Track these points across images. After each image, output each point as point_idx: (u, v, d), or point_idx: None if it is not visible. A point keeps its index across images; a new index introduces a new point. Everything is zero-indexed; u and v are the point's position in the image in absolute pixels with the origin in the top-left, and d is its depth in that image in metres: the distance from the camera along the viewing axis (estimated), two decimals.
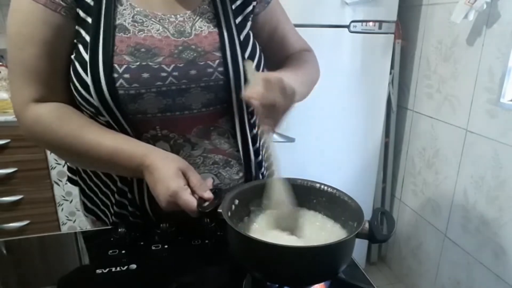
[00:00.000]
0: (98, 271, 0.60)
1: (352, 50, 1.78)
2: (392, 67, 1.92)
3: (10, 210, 1.72)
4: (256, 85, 0.59)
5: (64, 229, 1.85)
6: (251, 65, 0.66)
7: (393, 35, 1.81)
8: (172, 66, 0.67)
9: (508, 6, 1.36)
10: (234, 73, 0.71)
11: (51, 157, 1.72)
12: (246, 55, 0.73)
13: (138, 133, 0.69)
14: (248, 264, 0.55)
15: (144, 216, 0.75)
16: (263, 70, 0.79)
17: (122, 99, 0.65)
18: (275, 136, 1.74)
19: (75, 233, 0.76)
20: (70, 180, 0.84)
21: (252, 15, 0.78)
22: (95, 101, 0.64)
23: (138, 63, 0.65)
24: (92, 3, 0.65)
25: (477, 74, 1.51)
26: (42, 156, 1.70)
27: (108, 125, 0.68)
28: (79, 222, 1.88)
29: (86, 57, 0.64)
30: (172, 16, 0.70)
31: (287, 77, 0.63)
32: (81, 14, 0.64)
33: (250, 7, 0.76)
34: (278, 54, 0.86)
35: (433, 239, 1.85)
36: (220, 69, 0.70)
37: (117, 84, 0.64)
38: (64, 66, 0.67)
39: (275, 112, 0.59)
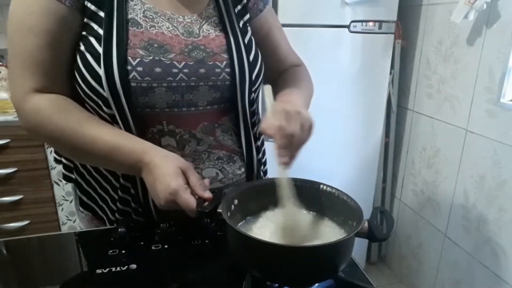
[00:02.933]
0: (98, 271, 0.60)
1: (352, 50, 1.78)
2: (392, 67, 1.92)
3: (10, 210, 1.72)
4: (274, 115, 0.60)
5: (64, 229, 1.85)
6: (269, 91, 0.65)
7: (393, 35, 1.81)
8: (183, 63, 0.69)
9: (508, 6, 1.36)
10: (240, 75, 0.74)
11: (51, 157, 1.72)
12: (251, 57, 0.76)
13: (145, 128, 0.70)
14: (248, 264, 0.55)
15: (146, 213, 0.75)
16: (263, 73, 0.81)
17: (134, 91, 0.65)
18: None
19: (75, 233, 0.76)
20: (65, 177, 0.83)
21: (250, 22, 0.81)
22: (105, 92, 0.64)
23: (151, 58, 0.66)
24: None
25: (477, 74, 1.51)
26: (42, 156, 1.70)
27: (112, 119, 0.68)
28: (79, 222, 1.87)
29: (100, 49, 0.64)
30: (180, 16, 0.72)
31: (301, 106, 0.65)
32: (92, 7, 0.65)
33: (248, 16, 0.80)
34: (269, 63, 0.86)
35: (433, 239, 1.85)
36: (227, 70, 0.73)
37: (130, 76, 0.64)
38: (67, 57, 0.67)
39: (292, 145, 0.59)
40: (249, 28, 0.80)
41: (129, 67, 0.64)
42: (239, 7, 0.78)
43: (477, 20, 1.48)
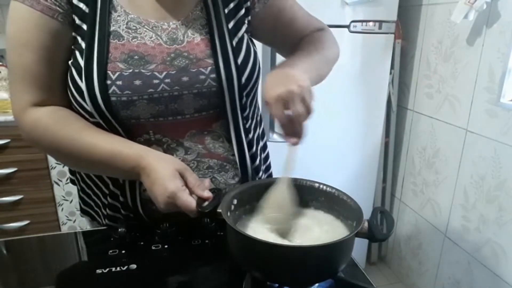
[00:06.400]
0: (98, 271, 0.60)
1: (352, 50, 1.78)
2: (392, 67, 1.92)
3: (10, 210, 1.72)
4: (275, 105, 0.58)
5: (64, 229, 1.85)
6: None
7: (393, 35, 1.80)
8: (164, 73, 0.67)
9: (508, 6, 1.36)
10: (226, 79, 0.71)
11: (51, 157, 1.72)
12: (239, 60, 0.73)
13: (132, 137, 0.69)
14: (248, 264, 0.55)
15: (137, 219, 0.75)
16: (259, 72, 0.78)
17: (115, 105, 0.65)
18: (275, 136, 1.75)
19: (75, 233, 0.76)
20: (71, 180, 0.85)
21: (247, 17, 0.77)
22: (88, 106, 0.65)
23: (131, 70, 0.65)
24: (87, 10, 0.65)
25: (477, 74, 1.51)
26: (42, 156, 1.70)
27: (101, 127, 0.68)
28: (79, 222, 1.88)
29: (82, 63, 0.64)
30: (165, 23, 0.70)
31: (300, 69, 0.63)
32: (77, 21, 0.65)
33: (243, 11, 0.76)
34: (289, 39, 0.84)
35: (433, 239, 1.85)
36: (213, 75, 0.70)
37: (110, 91, 0.64)
38: (63, 71, 0.67)
39: (294, 123, 0.58)
40: (243, 27, 0.76)
41: (108, 82, 0.64)
42: (231, 5, 0.74)
43: (477, 20, 1.48)
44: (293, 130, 0.59)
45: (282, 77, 0.61)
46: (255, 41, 0.84)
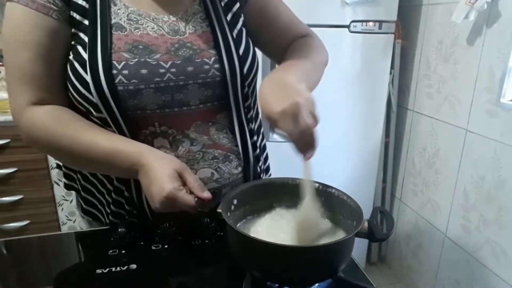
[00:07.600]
0: (98, 271, 0.60)
1: (352, 50, 1.78)
2: (392, 67, 1.92)
3: (10, 210, 1.72)
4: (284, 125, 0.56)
5: (64, 229, 1.85)
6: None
7: (393, 35, 1.81)
8: (169, 62, 0.69)
9: (508, 6, 1.36)
10: (230, 70, 0.73)
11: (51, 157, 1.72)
12: (241, 51, 0.75)
13: (137, 130, 0.70)
14: (248, 264, 0.55)
15: (141, 215, 0.75)
16: (257, 65, 0.80)
17: (122, 95, 0.65)
18: (275, 136, 1.75)
19: (75, 233, 0.76)
20: (66, 185, 0.84)
21: (242, 10, 0.79)
22: (94, 98, 0.65)
23: (136, 59, 0.66)
24: (87, 6, 0.66)
25: (477, 74, 1.51)
26: (42, 156, 1.70)
27: (104, 123, 0.68)
28: (79, 222, 1.87)
29: (85, 56, 0.65)
30: (165, 16, 0.72)
31: (295, 78, 0.62)
32: (77, 17, 0.66)
33: (238, 4, 0.78)
34: (273, 40, 0.85)
35: (433, 239, 1.85)
36: (216, 66, 0.72)
37: (116, 81, 0.65)
38: (60, 68, 0.68)
39: (304, 137, 0.57)
40: (240, 20, 0.78)
41: (114, 71, 0.65)
42: None
43: (477, 20, 1.48)
44: (305, 143, 0.58)
45: (280, 89, 0.59)
46: None
